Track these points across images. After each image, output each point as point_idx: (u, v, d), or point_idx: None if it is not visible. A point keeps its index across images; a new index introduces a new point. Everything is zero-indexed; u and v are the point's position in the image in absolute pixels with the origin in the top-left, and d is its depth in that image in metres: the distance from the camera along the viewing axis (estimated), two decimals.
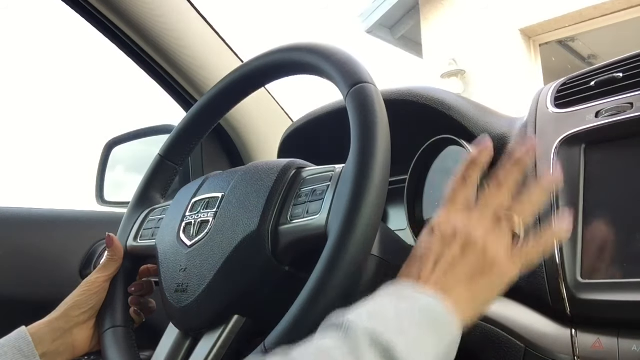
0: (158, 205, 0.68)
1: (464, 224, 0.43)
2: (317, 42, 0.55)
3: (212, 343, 0.51)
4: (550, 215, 0.54)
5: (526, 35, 4.25)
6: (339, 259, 0.43)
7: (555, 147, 0.57)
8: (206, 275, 0.52)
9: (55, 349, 0.57)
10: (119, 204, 1.12)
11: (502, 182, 0.45)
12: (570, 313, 0.50)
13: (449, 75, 4.36)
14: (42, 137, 5.11)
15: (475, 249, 0.42)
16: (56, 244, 0.94)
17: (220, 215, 0.55)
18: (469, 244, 0.42)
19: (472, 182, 0.45)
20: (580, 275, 0.51)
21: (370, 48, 6.51)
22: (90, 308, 0.61)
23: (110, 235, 0.64)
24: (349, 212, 0.43)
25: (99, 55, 4.24)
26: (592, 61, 4.67)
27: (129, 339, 0.60)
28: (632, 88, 0.57)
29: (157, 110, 1.83)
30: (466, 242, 0.42)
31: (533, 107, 0.66)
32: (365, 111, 0.47)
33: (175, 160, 0.70)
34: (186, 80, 1.03)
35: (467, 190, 0.45)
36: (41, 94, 5.85)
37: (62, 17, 1.03)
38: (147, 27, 0.93)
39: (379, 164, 0.45)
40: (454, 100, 0.71)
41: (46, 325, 0.58)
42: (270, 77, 0.61)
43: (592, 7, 3.78)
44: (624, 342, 0.47)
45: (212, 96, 0.65)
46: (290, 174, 0.54)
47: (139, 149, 1.14)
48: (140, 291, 0.64)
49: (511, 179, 0.45)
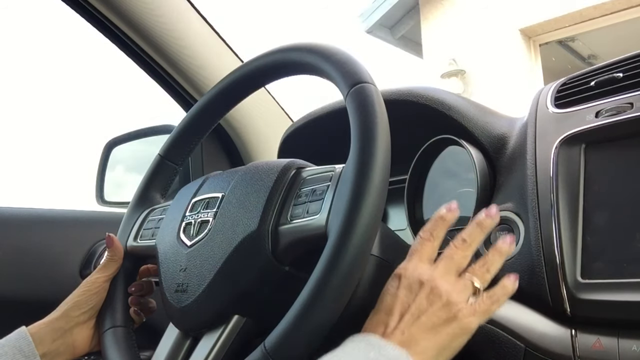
0: (158, 205, 0.68)
1: (430, 275, 0.46)
2: (317, 42, 0.55)
3: (212, 343, 0.51)
4: (550, 216, 0.54)
5: (526, 35, 4.25)
6: (339, 259, 0.43)
7: (555, 147, 0.57)
8: (206, 275, 0.52)
9: (56, 349, 0.57)
10: (119, 204, 1.12)
11: (467, 240, 0.48)
12: (570, 313, 0.50)
13: (449, 75, 4.36)
14: (42, 137, 5.11)
15: (440, 300, 0.45)
16: (56, 244, 0.94)
17: (220, 215, 0.54)
18: (434, 294, 0.45)
19: (438, 237, 0.49)
20: (580, 275, 0.51)
21: (370, 48, 6.52)
22: (90, 308, 0.61)
23: (110, 236, 0.64)
24: (349, 212, 0.43)
25: (99, 56, 4.24)
26: (592, 61, 4.67)
27: (129, 339, 0.60)
28: (632, 88, 0.57)
29: (157, 110, 1.83)
30: (431, 293, 0.45)
31: (533, 107, 0.66)
32: (365, 111, 0.47)
33: (175, 160, 0.70)
34: (186, 80, 1.03)
35: (434, 245, 0.49)
36: (41, 94, 5.85)
37: (62, 17, 1.03)
38: (147, 27, 0.93)
39: (379, 164, 0.45)
40: (454, 100, 0.71)
41: (46, 325, 0.58)
42: (270, 77, 0.61)
43: (592, 7, 3.78)
44: (624, 342, 0.47)
45: (212, 96, 0.65)
46: (290, 174, 0.54)
47: (139, 149, 1.14)
48: (140, 291, 0.64)
49: (475, 239, 0.49)
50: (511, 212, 0.59)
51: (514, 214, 0.59)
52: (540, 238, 0.54)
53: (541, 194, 0.56)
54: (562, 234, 0.53)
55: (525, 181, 0.59)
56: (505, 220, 0.59)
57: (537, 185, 0.57)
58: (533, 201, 0.57)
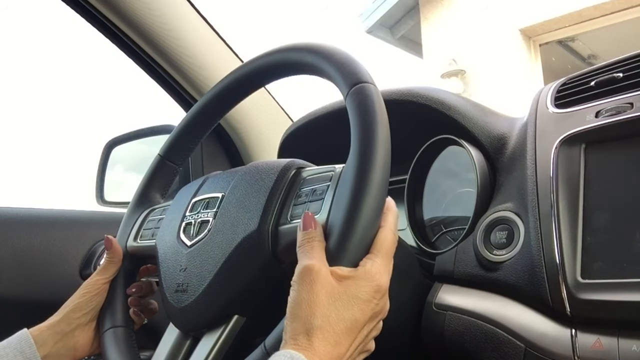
0: (158, 205, 0.68)
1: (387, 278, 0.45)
2: (317, 42, 0.55)
3: (212, 343, 0.51)
4: (550, 216, 0.54)
5: (526, 35, 4.25)
6: (339, 258, 0.43)
7: (555, 147, 0.57)
8: (206, 275, 0.52)
9: (57, 351, 0.57)
10: (119, 204, 1.12)
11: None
12: (570, 313, 0.50)
13: (449, 75, 4.36)
14: (42, 137, 5.11)
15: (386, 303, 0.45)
16: (56, 244, 0.94)
17: (221, 215, 0.55)
18: (385, 299, 0.45)
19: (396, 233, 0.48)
20: (580, 275, 0.51)
21: (370, 48, 6.52)
22: (90, 310, 0.60)
23: (109, 237, 0.64)
24: (349, 212, 0.43)
25: (99, 56, 4.24)
26: (592, 61, 4.67)
27: (129, 339, 0.60)
28: (632, 88, 0.57)
29: (157, 110, 1.83)
30: (385, 298, 0.45)
31: (533, 107, 0.66)
32: (365, 111, 0.47)
33: (175, 160, 0.70)
34: (186, 80, 1.03)
35: (396, 242, 0.47)
36: (41, 94, 5.85)
37: (62, 17, 1.03)
38: (147, 27, 0.94)
39: (379, 164, 0.45)
40: (454, 100, 0.71)
41: (48, 328, 0.58)
42: (270, 77, 0.61)
43: (592, 7, 3.78)
44: (624, 342, 0.47)
45: (212, 96, 0.65)
46: (290, 173, 0.54)
47: (139, 149, 1.14)
48: (140, 292, 0.64)
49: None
50: (511, 212, 0.59)
51: (514, 214, 0.59)
52: (540, 238, 0.54)
53: (541, 194, 0.56)
54: (562, 234, 0.53)
55: (525, 181, 0.59)
56: (505, 220, 0.59)
57: (537, 185, 0.57)
58: (533, 201, 0.56)
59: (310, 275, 0.41)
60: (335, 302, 0.41)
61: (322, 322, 0.39)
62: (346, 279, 0.42)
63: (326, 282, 0.41)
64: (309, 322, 0.39)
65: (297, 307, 0.41)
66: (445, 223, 0.73)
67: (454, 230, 0.71)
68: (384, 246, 0.45)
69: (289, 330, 0.40)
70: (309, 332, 0.39)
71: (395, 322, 0.50)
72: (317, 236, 0.44)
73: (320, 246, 0.44)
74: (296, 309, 0.41)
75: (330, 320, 0.40)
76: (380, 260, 0.44)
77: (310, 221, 0.45)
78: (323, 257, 0.43)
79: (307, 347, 0.38)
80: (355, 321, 0.41)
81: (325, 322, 0.40)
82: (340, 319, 0.40)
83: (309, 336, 0.39)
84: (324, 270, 0.42)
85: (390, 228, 0.46)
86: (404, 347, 0.66)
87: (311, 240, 0.44)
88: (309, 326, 0.39)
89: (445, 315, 0.60)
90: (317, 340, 0.39)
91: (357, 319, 0.41)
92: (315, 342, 0.39)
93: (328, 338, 0.39)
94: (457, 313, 0.60)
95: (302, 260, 0.43)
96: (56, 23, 4.60)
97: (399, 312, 0.57)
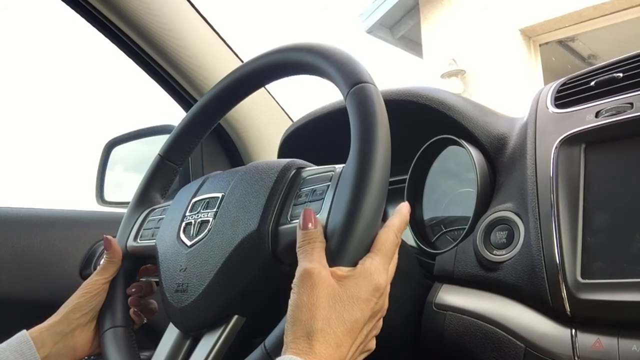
0: (158, 205, 0.68)
1: (386, 277, 0.45)
2: (317, 42, 0.55)
3: (212, 343, 0.51)
4: (550, 216, 0.54)
5: (526, 35, 4.25)
6: (339, 259, 0.43)
7: (555, 147, 0.57)
8: (206, 275, 0.52)
9: (57, 352, 0.57)
10: (119, 204, 1.12)
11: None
12: (570, 313, 0.50)
13: (449, 75, 4.36)
14: (42, 138, 5.11)
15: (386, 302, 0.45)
16: (56, 244, 0.94)
17: (220, 215, 0.55)
18: (384, 297, 0.45)
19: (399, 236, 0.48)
20: (580, 275, 0.51)
21: (370, 48, 6.52)
22: (90, 310, 0.60)
23: (108, 238, 0.64)
24: (349, 212, 0.43)
25: (99, 56, 4.24)
26: (592, 61, 4.67)
27: (129, 339, 0.60)
28: (632, 88, 0.57)
29: (157, 110, 1.83)
30: (384, 297, 0.45)
31: (533, 107, 0.66)
32: (365, 111, 0.47)
33: (175, 160, 0.70)
34: (186, 80, 1.03)
35: (397, 244, 0.47)
36: (41, 94, 5.85)
37: (62, 17, 1.03)
38: (147, 27, 0.94)
39: (379, 164, 0.45)
40: (454, 100, 0.71)
41: (47, 328, 0.58)
42: (270, 77, 0.61)
43: (592, 7, 3.78)
44: (624, 342, 0.47)
45: (212, 96, 0.65)
46: (290, 174, 0.54)
47: (139, 149, 1.14)
48: (140, 292, 0.64)
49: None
50: (511, 212, 0.59)
51: (514, 214, 0.59)
52: (540, 238, 0.54)
53: (541, 194, 0.56)
54: (562, 234, 0.53)
55: (525, 181, 0.59)
56: (505, 220, 0.59)
57: (537, 185, 0.57)
58: (533, 201, 0.56)
59: (311, 279, 0.41)
60: (335, 304, 0.41)
61: (322, 325, 0.39)
62: (346, 279, 0.42)
63: (326, 284, 0.41)
64: (309, 325, 0.40)
65: (297, 311, 0.41)
66: (445, 223, 0.73)
67: (454, 230, 0.71)
68: (385, 246, 0.45)
69: (289, 333, 0.40)
70: (310, 336, 0.39)
71: (395, 322, 0.50)
72: (317, 237, 0.44)
73: (320, 247, 0.44)
74: (297, 313, 0.41)
75: (330, 322, 0.40)
76: (380, 259, 0.44)
77: (310, 218, 0.45)
78: (323, 258, 0.43)
79: (308, 352, 0.38)
80: (355, 321, 0.41)
81: (325, 325, 0.40)
82: (340, 320, 0.40)
83: (309, 340, 0.39)
84: (324, 272, 0.42)
85: (393, 229, 0.46)
86: (404, 347, 0.66)
87: (312, 241, 0.44)
88: (309, 330, 0.39)
89: (445, 315, 0.60)
90: (318, 344, 0.39)
91: (357, 319, 0.41)
92: (316, 346, 0.39)
93: (329, 341, 0.39)
94: (457, 313, 0.60)
95: (303, 263, 0.43)
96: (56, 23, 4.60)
97: (399, 312, 0.57)
